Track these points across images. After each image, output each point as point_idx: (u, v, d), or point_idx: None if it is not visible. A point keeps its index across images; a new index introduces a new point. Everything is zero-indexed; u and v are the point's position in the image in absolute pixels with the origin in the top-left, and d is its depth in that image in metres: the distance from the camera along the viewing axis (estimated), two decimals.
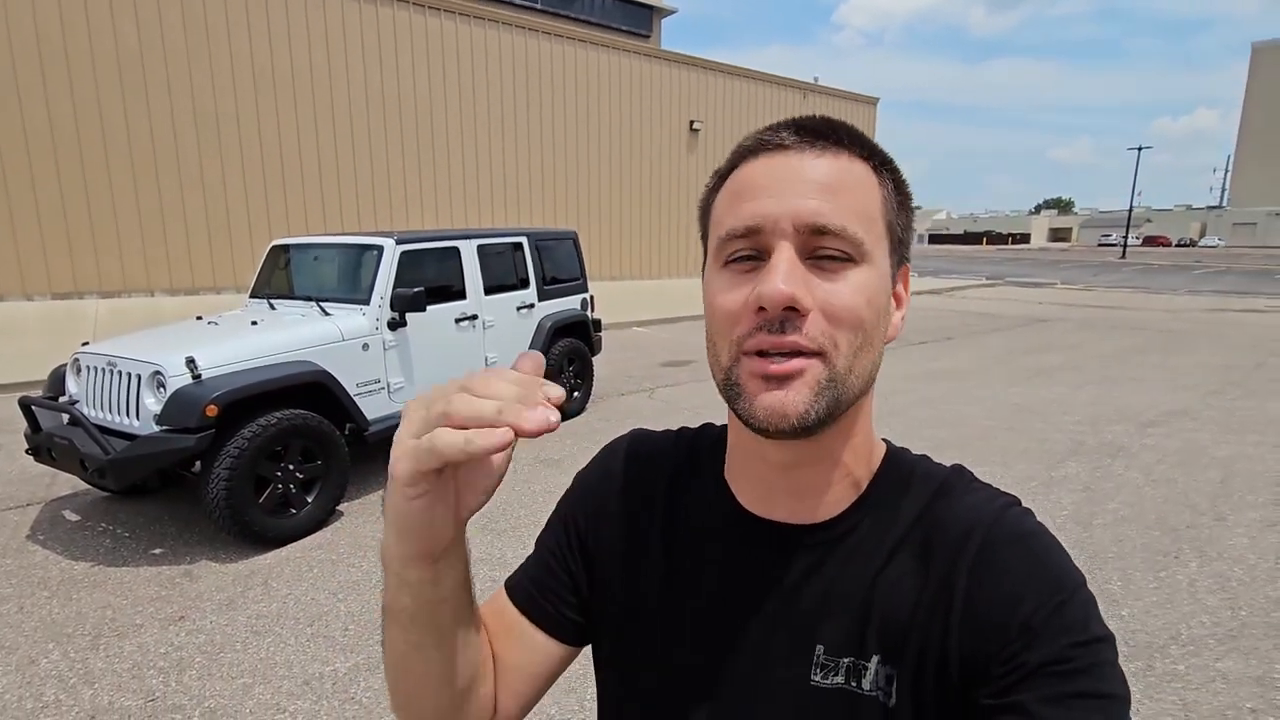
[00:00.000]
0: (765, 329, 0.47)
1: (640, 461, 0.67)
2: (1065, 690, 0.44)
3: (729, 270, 0.51)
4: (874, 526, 0.55)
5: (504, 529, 3.89)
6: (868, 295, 0.49)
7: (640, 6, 33.91)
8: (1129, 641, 2.76)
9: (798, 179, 0.49)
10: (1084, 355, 9.22)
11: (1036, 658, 0.45)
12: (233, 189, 12.15)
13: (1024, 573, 0.48)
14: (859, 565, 0.54)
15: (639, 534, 0.63)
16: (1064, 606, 0.46)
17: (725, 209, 0.52)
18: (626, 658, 0.63)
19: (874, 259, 0.50)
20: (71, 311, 10.28)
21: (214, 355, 3.60)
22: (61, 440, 3.49)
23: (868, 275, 0.49)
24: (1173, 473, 4.65)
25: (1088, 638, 0.45)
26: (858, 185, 0.50)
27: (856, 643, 0.52)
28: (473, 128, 15.25)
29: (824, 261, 0.48)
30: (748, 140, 0.53)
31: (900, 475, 0.57)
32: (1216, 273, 27.82)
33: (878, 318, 0.50)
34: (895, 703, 0.50)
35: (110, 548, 3.67)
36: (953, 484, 0.56)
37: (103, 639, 2.85)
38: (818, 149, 0.50)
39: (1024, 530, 0.51)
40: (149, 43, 11.14)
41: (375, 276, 4.42)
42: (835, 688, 0.52)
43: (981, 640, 0.47)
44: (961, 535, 0.51)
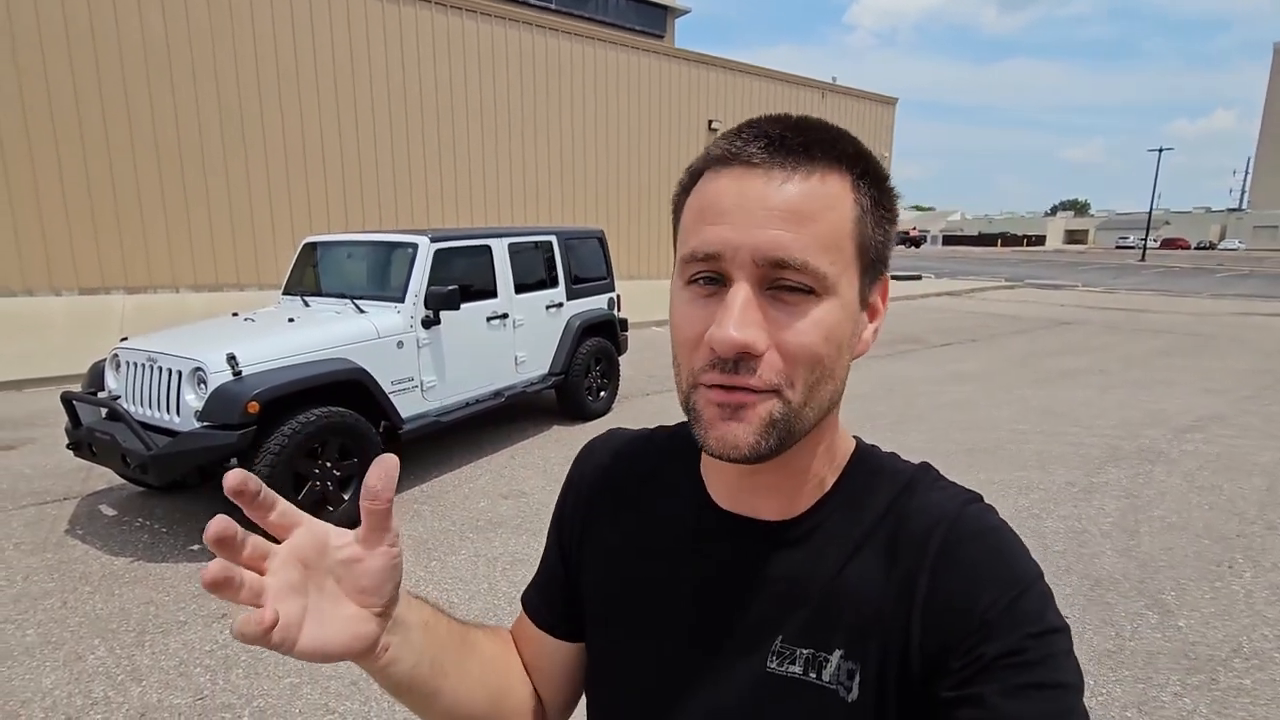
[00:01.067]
0: (718, 367, 0.48)
1: (617, 460, 0.69)
2: (1021, 681, 0.44)
3: (691, 290, 0.50)
4: (840, 522, 0.55)
5: (539, 529, 3.87)
6: (825, 331, 0.48)
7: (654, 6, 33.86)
8: (1189, 654, 2.70)
9: (761, 206, 0.47)
10: (1111, 358, 9.08)
11: (993, 650, 0.45)
12: (256, 186, 12.23)
13: (982, 567, 0.49)
14: (824, 560, 0.54)
15: (617, 530, 0.65)
16: (1020, 599, 0.47)
17: (690, 225, 0.51)
18: (603, 649, 0.65)
19: (838, 289, 0.48)
20: (98, 307, 10.38)
21: (254, 352, 3.59)
22: (103, 435, 3.50)
23: (828, 310, 0.48)
24: (1216, 479, 4.56)
25: (1043, 628, 0.46)
26: (826, 210, 0.48)
27: (818, 635, 0.52)
28: (493, 125, 15.27)
29: (784, 293, 0.47)
30: (718, 146, 0.51)
31: (867, 473, 0.58)
32: (1240, 276, 27.41)
33: (838, 351, 0.50)
34: (857, 697, 0.50)
35: (148, 543, 3.68)
36: (918, 481, 0.56)
37: (148, 635, 2.85)
38: (787, 169, 0.47)
39: (984, 526, 0.52)
40: (176, 40, 11.23)
41: (410, 274, 4.41)
42: (792, 676, 0.52)
43: (942, 634, 0.48)
44: (925, 531, 0.52)
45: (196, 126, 11.55)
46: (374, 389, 3.98)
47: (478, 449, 5.23)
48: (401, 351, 4.29)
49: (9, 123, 10.11)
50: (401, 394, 4.27)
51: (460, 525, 3.91)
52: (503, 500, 4.28)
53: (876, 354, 9.47)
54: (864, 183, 0.50)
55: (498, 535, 3.79)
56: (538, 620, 0.70)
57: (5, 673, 2.59)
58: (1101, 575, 3.31)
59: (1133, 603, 3.07)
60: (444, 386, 4.60)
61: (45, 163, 10.44)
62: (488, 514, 4.07)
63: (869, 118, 23.89)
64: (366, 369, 3.96)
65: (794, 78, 21.66)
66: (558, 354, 5.67)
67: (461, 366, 4.72)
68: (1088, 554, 3.51)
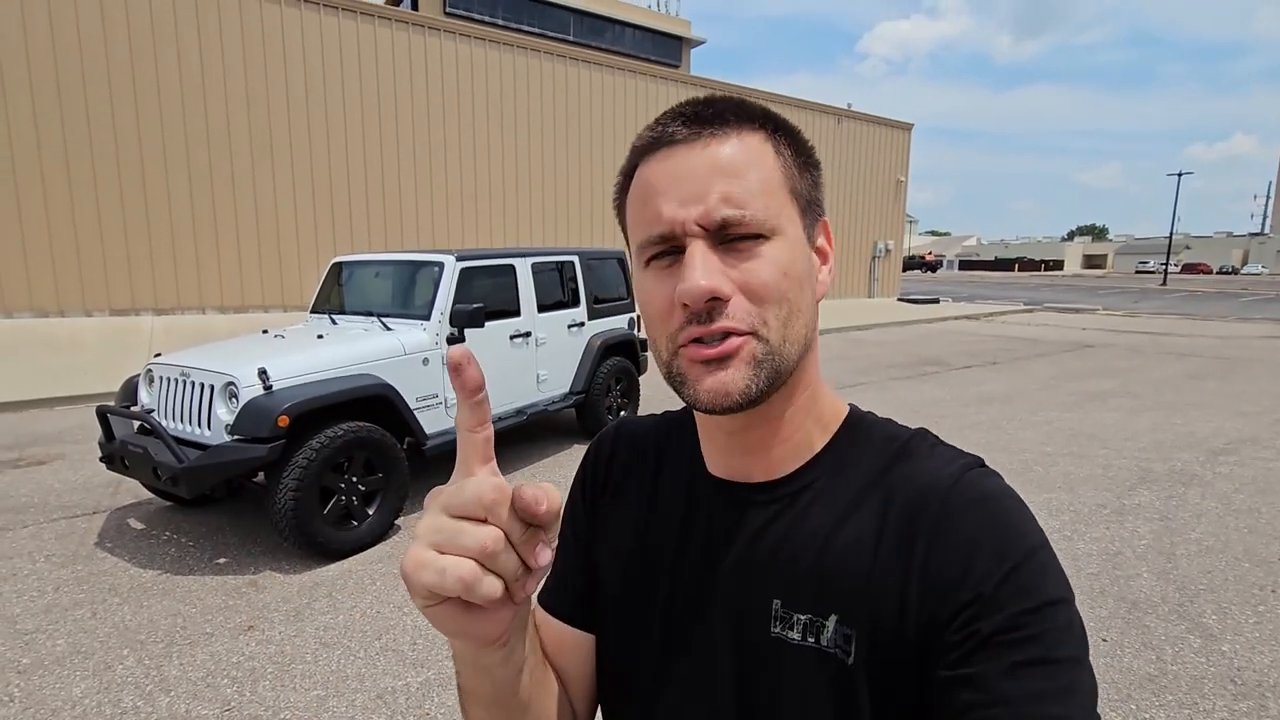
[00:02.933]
0: (694, 321, 0.49)
1: (626, 445, 0.70)
2: (1016, 659, 0.43)
3: (652, 270, 0.53)
4: (830, 484, 0.55)
5: None
6: (783, 266, 0.50)
7: (670, 37, 34.57)
8: (1235, 679, 2.61)
9: (694, 175, 0.50)
10: (1137, 381, 8.94)
11: (988, 626, 0.45)
12: (283, 209, 12.51)
13: (976, 538, 0.48)
14: (813, 522, 0.54)
15: (625, 508, 0.66)
16: (1016, 572, 0.46)
17: (635, 215, 0.54)
18: (611, 628, 0.65)
19: (784, 230, 0.51)
20: (127, 327, 10.61)
21: (284, 367, 3.65)
22: (135, 449, 3.55)
23: (780, 248, 0.50)
24: (1253, 502, 4.44)
25: (1040, 601, 0.45)
26: (753, 163, 0.51)
27: (813, 600, 0.52)
28: (513, 149, 15.55)
29: (736, 244, 0.50)
30: (641, 139, 0.54)
31: (859, 436, 0.58)
32: (1265, 300, 26.94)
33: (800, 285, 0.52)
34: (853, 661, 0.50)
35: (176, 556, 3.71)
36: (915, 446, 0.55)
37: (175, 647, 2.86)
38: (706, 136, 0.51)
39: (982, 493, 0.50)
40: (210, 65, 11.62)
41: (436, 292, 4.48)
42: (794, 642, 0.52)
43: (937, 606, 0.47)
44: (920, 498, 0.51)
45: (228, 150, 11.88)
46: (400, 405, 4.01)
47: (500, 466, 5.20)
48: (427, 368, 4.33)
49: (49, 149, 10.49)
50: (426, 410, 4.30)
51: None
52: None
53: (898, 375, 9.40)
54: (779, 135, 0.53)
55: None
56: (557, 610, 0.68)
57: (36, 682, 2.61)
58: (1139, 598, 3.22)
59: (1173, 626, 2.98)
60: None
61: (82, 187, 10.78)
62: None
63: (885, 143, 24.01)
64: (393, 385, 4.00)
65: (809, 104, 21.89)
66: (579, 373, 5.69)
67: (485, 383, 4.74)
68: (1123, 576, 3.43)
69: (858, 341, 13.25)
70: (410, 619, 3.08)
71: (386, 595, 3.29)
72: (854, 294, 22.71)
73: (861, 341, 13.29)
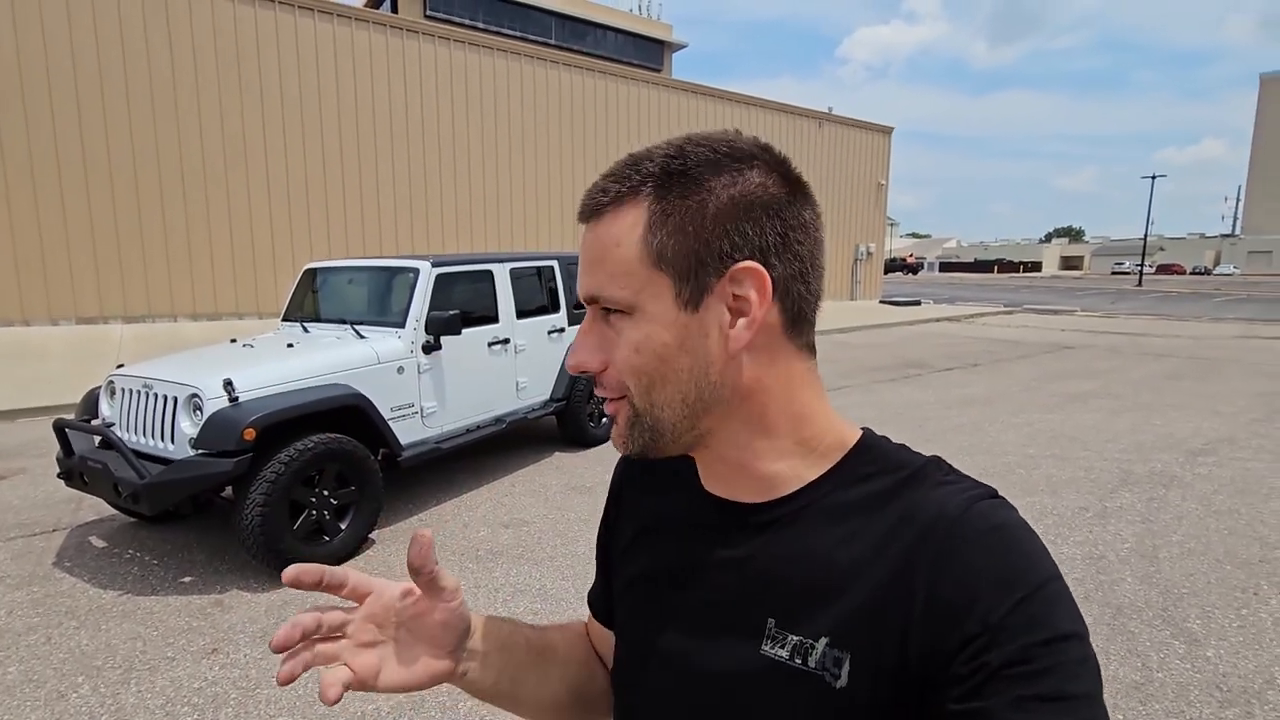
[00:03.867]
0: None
1: (641, 463, 0.72)
2: (1026, 693, 0.43)
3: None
4: (831, 507, 0.55)
5: (540, 559, 3.76)
6: (635, 344, 0.54)
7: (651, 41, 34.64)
8: (1221, 686, 2.59)
9: (584, 255, 0.56)
10: (1116, 382, 9.02)
11: (998, 659, 0.44)
12: (258, 215, 12.29)
13: (984, 568, 0.47)
14: (809, 542, 0.54)
15: (639, 528, 0.69)
16: (1025, 603, 0.45)
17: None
18: (621, 638, 0.69)
19: (643, 306, 0.53)
20: (96, 336, 10.33)
21: (251, 378, 3.53)
22: (94, 464, 3.41)
23: (636, 325, 0.53)
24: (1232, 503, 4.46)
25: (1050, 636, 0.44)
26: (615, 245, 0.53)
27: (805, 621, 0.52)
28: (494, 154, 15.43)
29: (610, 316, 0.55)
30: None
31: (869, 460, 0.57)
32: (1237, 300, 27.51)
33: (658, 359, 0.53)
34: (846, 684, 0.49)
35: (139, 575, 3.56)
36: (926, 474, 0.55)
37: (134, 673, 2.73)
38: (594, 219, 0.55)
39: (992, 524, 0.50)
40: (181, 70, 11.39)
41: (411, 299, 4.37)
42: (781, 661, 0.53)
43: (942, 638, 0.46)
44: (928, 525, 0.50)
45: (200, 156, 11.65)
46: (373, 415, 3.90)
47: (478, 476, 5.13)
48: (402, 377, 4.22)
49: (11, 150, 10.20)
50: (401, 420, 4.19)
51: (460, 555, 3.81)
52: (503, 529, 4.18)
53: (881, 378, 9.42)
54: (671, 197, 0.52)
55: (498, 565, 3.68)
56: (596, 613, 0.77)
57: None
58: (1123, 603, 3.20)
59: (1158, 631, 2.96)
60: (444, 412, 4.53)
61: (47, 191, 10.50)
62: (488, 543, 3.97)
63: (865, 146, 24.20)
64: (366, 395, 3.89)
65: (790, 108, 22.00)
66: (559, 380, 5.61)
67: (462, 392, 4.65)
68: (1107, 581, 3.41)
69: (842, 344, 13.29)
70: None
71: None
72: (837, 296, 22.85)
73: (845, 344, 13.33)
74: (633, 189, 0.53)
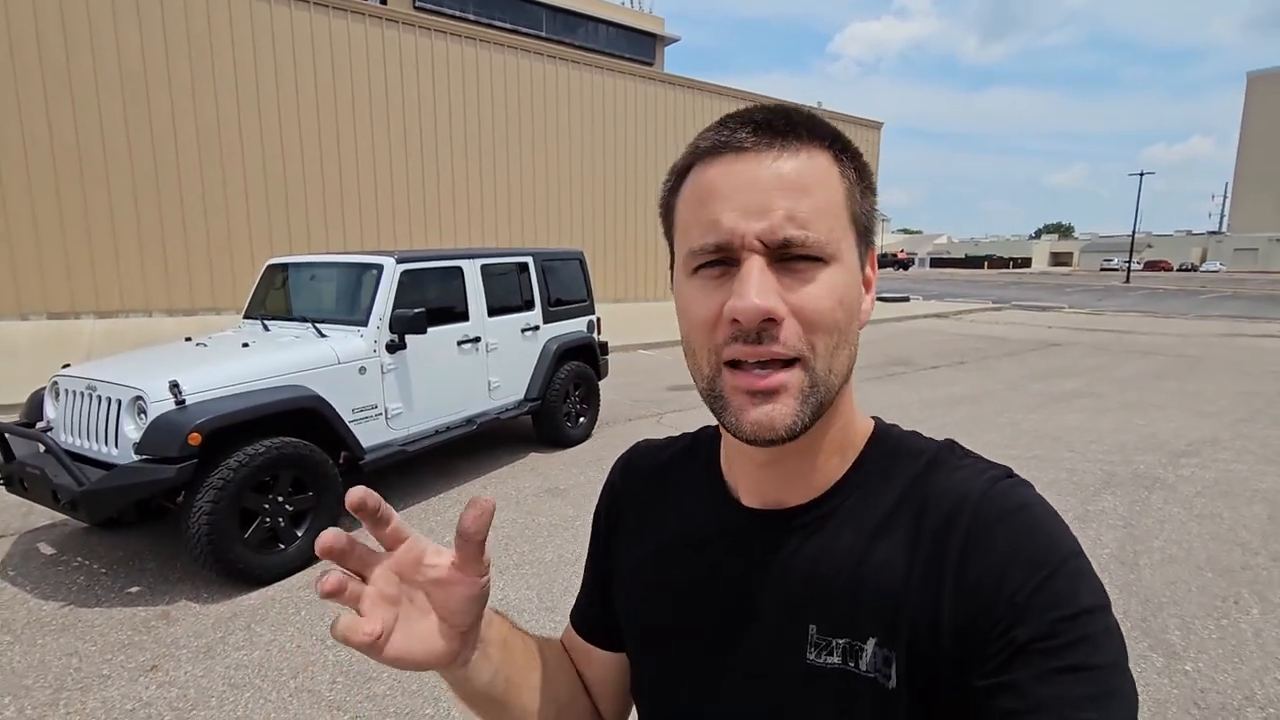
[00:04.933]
0: (741, 339, 0.48)
1: (644, 470, 0.70)
2: (1054, 666, 0.43)
3: (699, 278, 0.51)
4: (860, 502, 0.55)
5: (505, 566, 3.63)
6: (839, 295, 0.49)
7: (643, 34, 34.37)
8: (1199, 702, 2.50)
9: (759, 188, 0.48)
10: (1100, 380, 8.98)
11: (1025, 634, 0.44)
12: (234, 207, 12.05)
13: (1011, 547, 0.47)
14: (845, 542, 0.53)
15: (646, 538, 0.66)
16: (1050, 580, 0.45)
17: (690, 217, 0.52)
18: (642, 655, 0.65)
19: (842, 256, 0.50)
20: (65, 332, 10.09)
21: (200, 379, 3.38)
22: (33, 470, 3.25)
23: (837, 274, 0.49)
24: (1215, 506, 4.39)
25: (1075, 610, 0.45)
26: (820, 183, 0.50)
27: (850, 623, 0.51)
28: (477, 148, 15.22)
29: (793, 264, 0.48)
30: (705, 139, 0.53)
31: (887, 451, 0.57)
32: (1222, 297, 27.66)
33: (850, 315, 0.51)
34: (894, 685, 0.49)
35: (84, 585, 3.41)
36: (943, 458, 0.55)
37: (64, 693, 2.58)
38: (777, 149, 0.49)
39: (1014, 503, 0.50)
40: (153, 60, 11.11)
41: (374, 297, 4.22)
42: (832, 668, 0.51)
43: (972, 618, 0.46)
44: (951, 511, 0.50)
45: (173, 147, 11.39)
46: (331, 417, 3.76)
47: (449, 478, 4.99)
48: (364, 377, 4.08)
49: None
50: (363, 422, 4.05)
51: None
52: None
53: (866, 376, 9.33)
54: (845, 157, 0.52)
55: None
56: (583, 632, 0.73)
57: None
58: None
59: (1136, 643, 2.87)
60: (410, 414, 4.38)
61: (14, 183, 10.23)
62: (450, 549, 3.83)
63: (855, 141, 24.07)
64: (324, 396, 3.74)
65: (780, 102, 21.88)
66: (534, 379, 5.47)
67: (430, 393, 4.51)
68: None
69: None
70: (332, 654, 2.84)
71: (310, 626, 3.05)
72: None
73: None
74: (819, 135, 0.51)
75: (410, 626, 0.51)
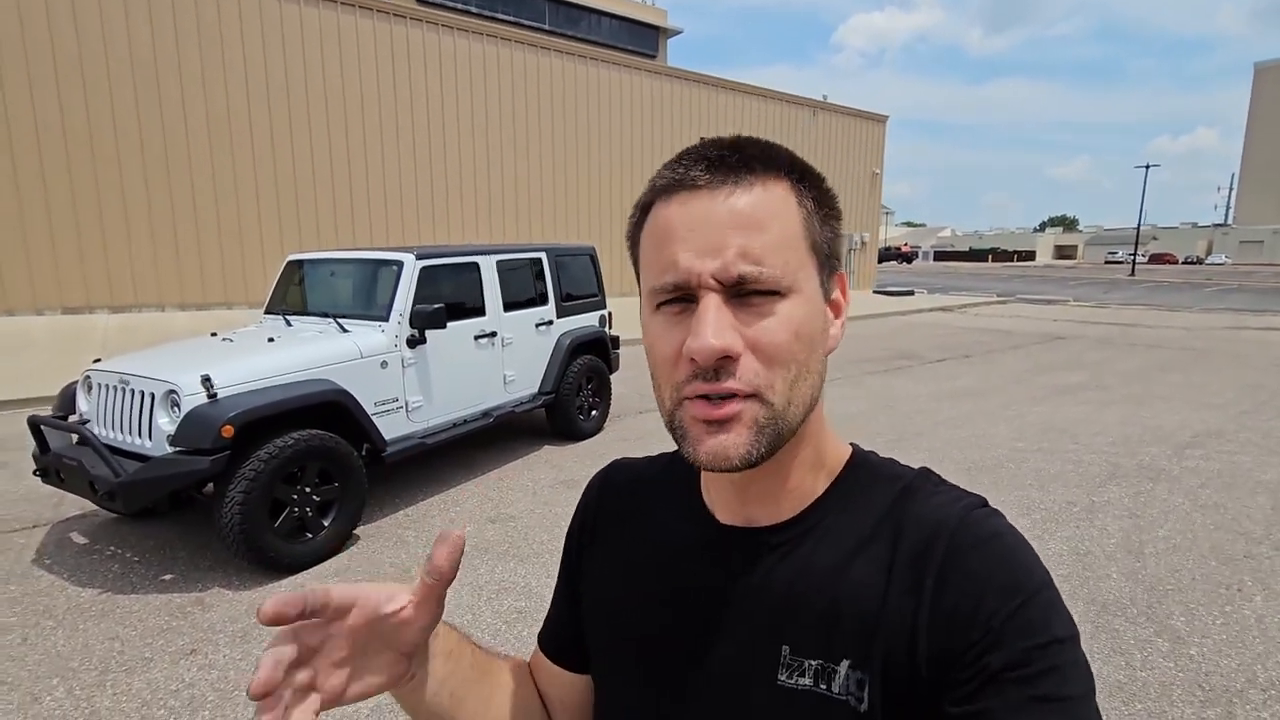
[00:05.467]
0: (700, 377, 0.49)
1: (620, 488, 0.70)
2: (1026, 694, 0.44)
3: (662, 314, 0.52)
4: (836, 526, 0.55)
5: (527, 555, 3.74)
6: (795, 327, 0.49)
7: (646, 27, 34.27)
8: (1203, 685, 2.59)
9: (713, 225, 0.49)
10: (1106, 373, 9.04)
11: (998, 661, 0.45)
12: (245, 203, 12.14)
13: (985, 576, 0.48)
14: (821, 563, 0.54)
15: (619, 555, 0.66)
16: (1023, 608, 0.46)
17: (650, 256, 0.52)
18: (612, 675, 0.65)
19: (800, 287, 0.50)
20: (80, 326, 10.21)
21: (230, 373, 3.47)
22: (70, 461, 3.36)
23: (796, 306, 0.50)
24: (1219, 497, 4.47)
25: (1047, 639, 0.46)
26: (776, 215, 0.50)
27: (823, 645, 0.52)
28: (485, 143, 15.27)
29: (750, 299, 0.49)
30: (661, 177, 0.53)
31: (863, 477, 0.58)
32: (1228, 290, 27.63)
33: (810, 347, 0.51)
34: (867, 708, 0.49)
35: (119, 573, 3.52)
36: (918, 486, 0.56)
37: (110, 675, 2.69)
38: (730, 184, 0.50)
39: (988, 532, 0.51)
40: (164, 54, 11.19)
41: (395, 292, 4.31)
42: (804, 689, 0.51)
43: (946, 644, 0.47)
44: (928, 538, 0.51)
45: (185, 142, 11.47)
46: (356, 411, 3.85)
47: (465, 470, 5.10)
48: (385, 372, 4.17)
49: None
50: (385, 415, 4.15)
51: None
52: (490, 525, 4.15)
53: (872, 369, 9.40)
54: (804, 186, 0.52)
55: (484, 562, 3.66)
56: (550, 652, 0.72)
57: None
58: (1108, 599, 3.20)
59: (1142, 629, 2.96)
60: (430, 407, 4.48)
61: (29, 179, 10.33)
62: (474, 539, 3.94)
63: (860, 135, 24.08)
64: (348, 390, 3.83)
65: (785, 96, 21.83)
66: (548, 373, 5.56)
67: (448, 386, 4.60)
68: (1093, 577, 3.41)
69: None
70: None
71: None
72: None
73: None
74: (775, 166, 0.52)
75: (365, 668, 0.50)
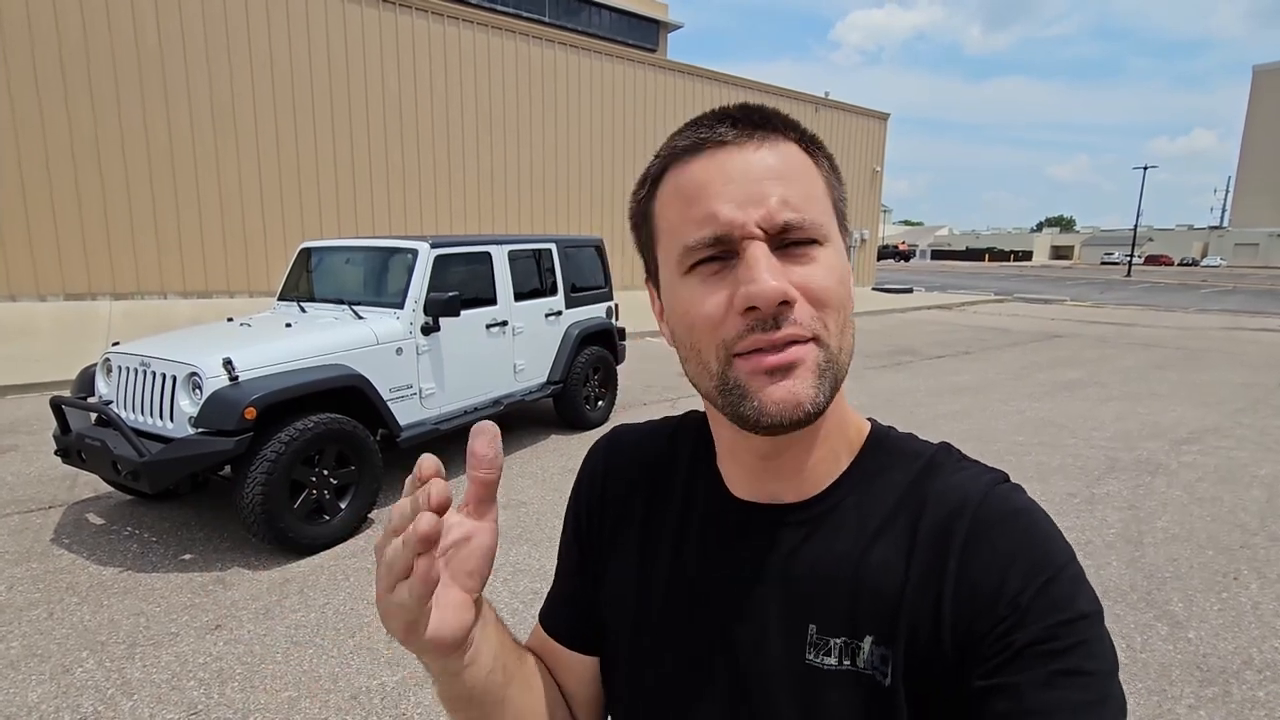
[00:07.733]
0: (758, 328, 0.47)
1: (625, 456, 0.68)
2: (1052, 669, 0.44)
3: (696, 276, 0.50)
4: (859, 502, 0.55)
5: (539, 539, 3.81)
6: (839, 274, 0.50)
7: (647, 20, 34.19)
8: (1201, 666, 2.68)
9: (751, 176, 0.48)
10: (1103, 371, 9.15)
11: (1024, 637, 0.45)
12: (249, 191, 12.13)
13: (1011, 551, 0.48)
14: (845, 541, 0.53)
15: (632, 529, 0.63)
16: (1050, 584, 0.46)
17: (678, 216, 0.51)
18: (629, 655, 0.62)
19: (833, 239, 0.51)
20: (84, 313, 10.22)
21: (250, 357, 3.52)
22: (93, 442, 3.41)
23: (833, 255, 0.50)
24: (1216, 491, 4.57)
25: (1073, 615, 0.46)
26: (803, 171, 0.51)
27: (848, 622, 0.51)
28: (489, 134, 15.27)
29: (792, 248, 0.49)
30: (682, 139, 0.52)
31: (885, 451, 0.57)
32: (1223, 292, 27.82)
33: (849, 293, 0.51)
34: (890, 683, 0.49)
35: (138, 553, 3.58)
36: (940, 461, 0.55)
37: (138, 648, 2.75)
38: (758, 140, 0.50)
39: (1012, 508, 0.51)
40: (169, 41, 11.16)
41: (410, 280, 4.36)
42: (830, 668, 0.51)
43: (972, 620, 0.47)
44: (950, 514, 0.51)
45: (189, 129, 11.46)
46: (373, 396, 3.91)
47: None
48: (401, 358, 4.23)
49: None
50: (400, 401, 4.20)
51: None
52: (502, 510, 4.15)
53: (872, 365, 9.49)
54: (816, 149, 0.53)
55: (498, 546, 3.72)
56: (559, 635, 0.68)
57: None
58: (1109, 586, 3.29)
59: (1142, 614, 3.05)
60: (443, 394, 4.54)
61: (33, 164, 10.31)
62: None
63: (862, 132, 24.13)
64: (365, 375, 3.89)
65: (787, 91, 21.87)
66: (556, 362, 5.62)
67: (461, 374, 4.66)
68: (1093, 565, 3.49)
69: None
70: None
71: (360, 591, 3.22)
72: None
73: None
74: (791, 128, 0.52)
75: (439, 602, 0.46)
